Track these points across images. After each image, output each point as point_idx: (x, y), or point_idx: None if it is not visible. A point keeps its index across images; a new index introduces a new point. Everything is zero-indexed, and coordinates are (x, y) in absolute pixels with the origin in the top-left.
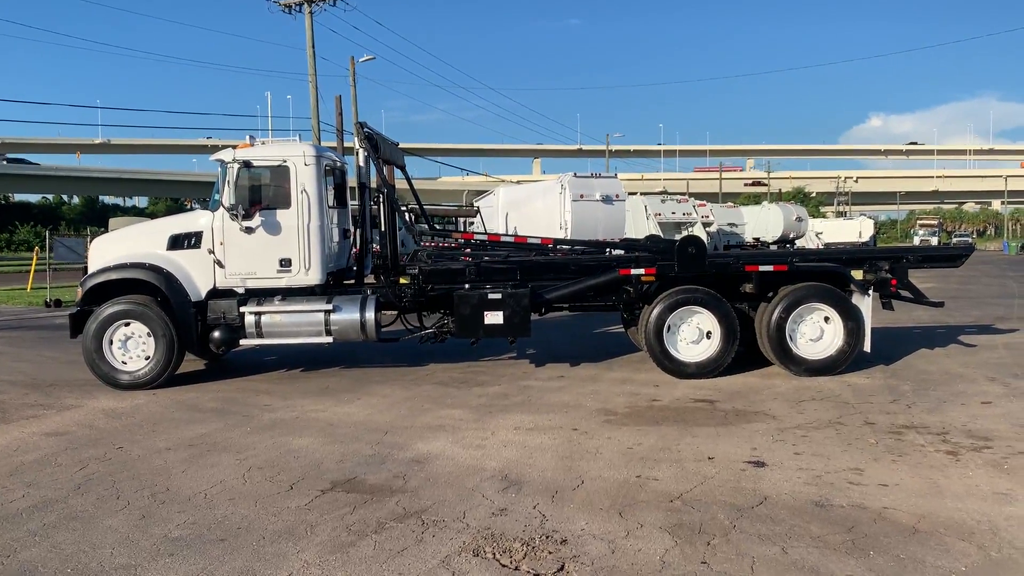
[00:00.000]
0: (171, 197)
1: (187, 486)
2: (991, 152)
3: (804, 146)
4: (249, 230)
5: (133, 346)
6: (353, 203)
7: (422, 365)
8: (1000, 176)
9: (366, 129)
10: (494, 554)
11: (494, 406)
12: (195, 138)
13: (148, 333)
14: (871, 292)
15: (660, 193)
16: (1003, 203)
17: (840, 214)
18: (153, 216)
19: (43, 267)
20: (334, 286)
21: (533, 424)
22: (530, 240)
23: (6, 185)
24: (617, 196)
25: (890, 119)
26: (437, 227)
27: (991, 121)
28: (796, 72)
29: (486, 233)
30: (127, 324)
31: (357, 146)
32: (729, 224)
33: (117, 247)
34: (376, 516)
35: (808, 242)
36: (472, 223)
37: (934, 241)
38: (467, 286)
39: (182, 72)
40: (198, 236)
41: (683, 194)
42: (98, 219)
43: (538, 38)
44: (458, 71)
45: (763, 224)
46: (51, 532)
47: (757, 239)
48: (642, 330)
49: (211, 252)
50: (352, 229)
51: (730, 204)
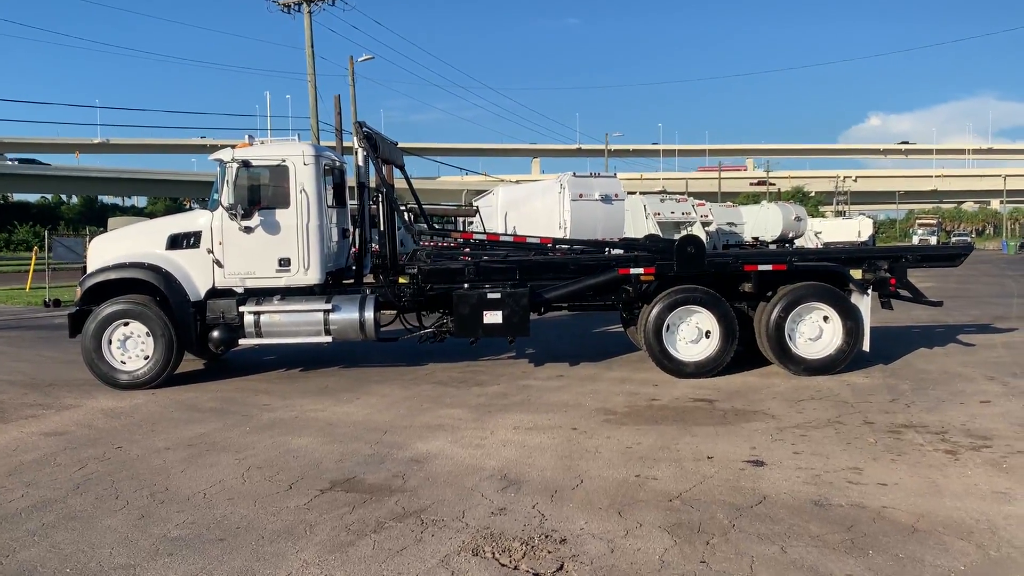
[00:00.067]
0: (170, 197)
1: (186, 486)
2: (990, 151)
3: (803, 145)
4: (248, 230)
5: (132, 346)
6: (352, 203)
7: (421, 365)
8: (999, 175)
9: (365, 128)
10: (493, 553)
11: (493, 405)
12: (194, 138)
13: (147, 333)
14: (870, 291)
15: (659, 193)
16: (1002, 202)
17: (839, 213)
18: (152, 216)
19: (42, 267)
20: (333, 286)
21: (532, 423)
22: (529, 240)
23: (7, 185)
24: (616, 196)
25: (889, 118)
26: (436, 227)
27: (990, 120)
28: (795, 72)
29: (485, 233)
30: (126, 324)
31: (356, 146)
32: (728, 224)
33: (116, 247)
34: (375, 516)
35: (807, 241)
36: (471, 223)
37: (933, 240)
38: (466, 286)
39: (181, 72)
40: (197, 236)
41: (682, 193)
42: (97, 219)
43: (537, 38)
44: (457, 71)
45: (762, 224)
46: (50, 532)
47: (756, 239)
48: (641, 329)
49: (210, 252)
50: (351, 229)
51: (729, 204)
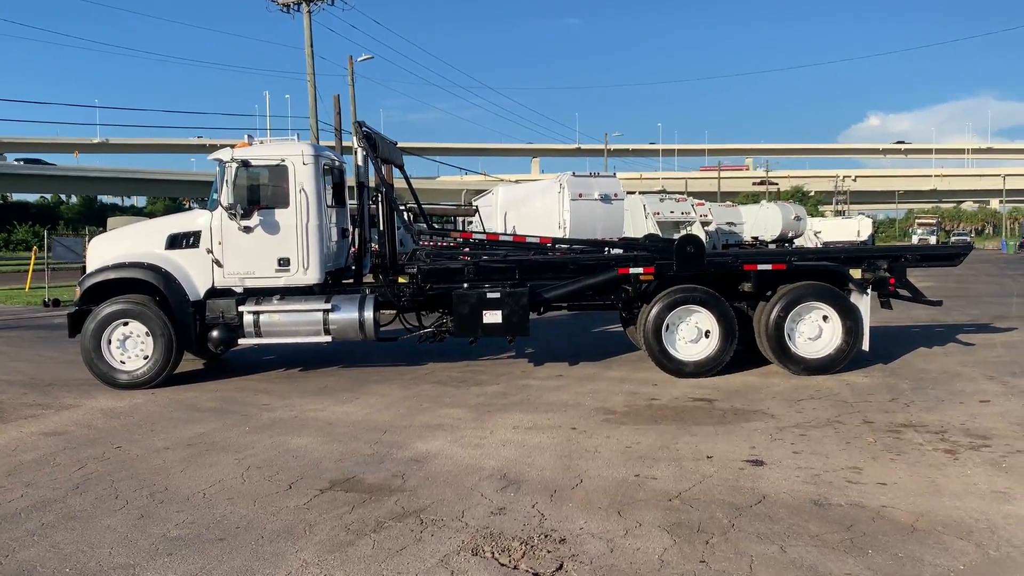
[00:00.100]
0: (169, 196)
1: (186, 485)
2: (989, 151)
3: (803, 145)
4: (247, 229)
5: (131, 345)
6: (351, 202)
7: (421, 364)
8: (998, 175)
9: (364, 128)
10: (493, 553)
11: (493, 405)
12: (191, 138)
13: (147, 332)
14: (869, 291)
15: (658, 192)
16: (1001, 202)
17: (839, 213)
18: (151, 215)
19: (41, 267)
20: (333, 285)
21: (532, 423)
22: (529, 239)
23: (6, 185)
24: (616, 195)
25: (888, 118)
26: (436, 226)
27: (989, 120)
28: (794, 71)
29: (484, 232)
30: (126, 323)
31: (355, 145)
32: (728, 223)
33: (115, 246)
34: (375, 515)
35: (807, 241)
36: (471, 222)
37: (932, 240)
38: (466, 285)
39: (180, 72)
40: (196, 235)
41: (681, 193)
42: (96, 219)
43: (537, 37)
44: (457, 70)
45: (762, 223)
46: (49, 532)
47: (756, 238)
48: (641, 329)
49: (209, 251)
50: (351, 228)
51: (729, 203)
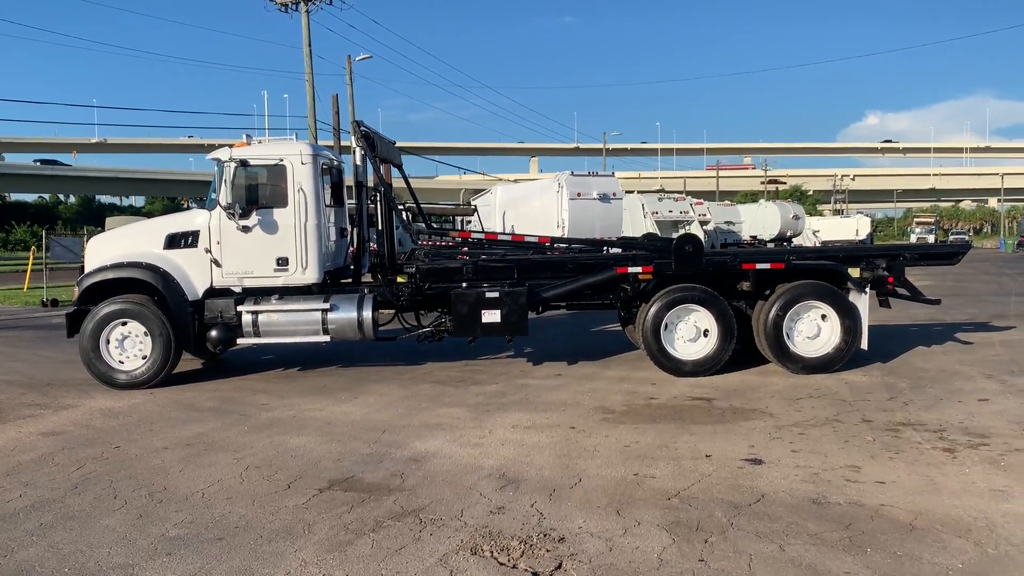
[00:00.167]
0: (168, 196)
1: (184, 485)
2: (988, 150)
3: (801, 144)
4: (246, 229)
5: (130, 345)
6: (350, 202)
7: (419, 364)
8: (996, 174)
9: (363, 128)
10: (492, 552)
11: (492, 404)
12: (182, 137)
13: (145, 332)
14: (868, 290)
15: (657, 191)
16: (1000, 200)
17: (837, 212)
18: (150, 215)
19: (40, 266)
20: (331, 285)
21: (531, 422)
22: (527, 239)
23: (7, 185)
24: (614, 194)
25: (887, 117)
26: (434, 226)
27: (987, 119)
28: (793, 71)
29: (483, 232)
30: (124, 323)
31: (354, 145)
32: (726, 222)
33: (114, 246)
34: (374, 515)
35: (805, 240)
36: (469, 222)
37: (931, 239)
38: (464, 285)
39: (179, 71)
40: (195, 235)
41: (680, 192)
42: (95, 218)
43: (535, 37)
44: (455, 70)
45: (760, 222)
46: (48, 532)
47: (754, 237)
48: (639, 328)
49: (208, 251)
50: (349, 228)
51: (727, 202)
